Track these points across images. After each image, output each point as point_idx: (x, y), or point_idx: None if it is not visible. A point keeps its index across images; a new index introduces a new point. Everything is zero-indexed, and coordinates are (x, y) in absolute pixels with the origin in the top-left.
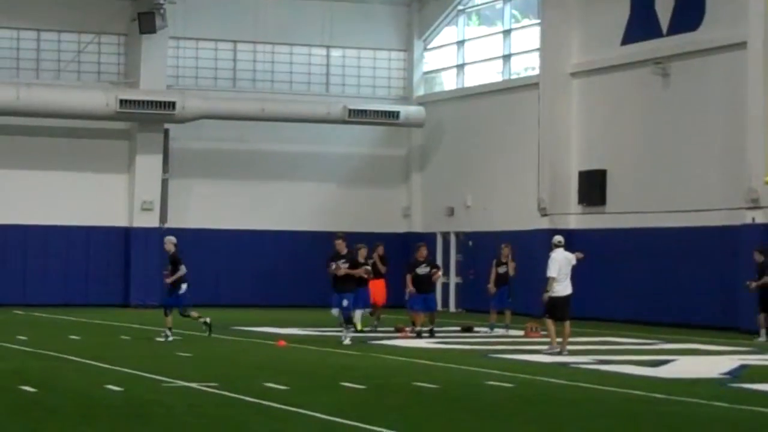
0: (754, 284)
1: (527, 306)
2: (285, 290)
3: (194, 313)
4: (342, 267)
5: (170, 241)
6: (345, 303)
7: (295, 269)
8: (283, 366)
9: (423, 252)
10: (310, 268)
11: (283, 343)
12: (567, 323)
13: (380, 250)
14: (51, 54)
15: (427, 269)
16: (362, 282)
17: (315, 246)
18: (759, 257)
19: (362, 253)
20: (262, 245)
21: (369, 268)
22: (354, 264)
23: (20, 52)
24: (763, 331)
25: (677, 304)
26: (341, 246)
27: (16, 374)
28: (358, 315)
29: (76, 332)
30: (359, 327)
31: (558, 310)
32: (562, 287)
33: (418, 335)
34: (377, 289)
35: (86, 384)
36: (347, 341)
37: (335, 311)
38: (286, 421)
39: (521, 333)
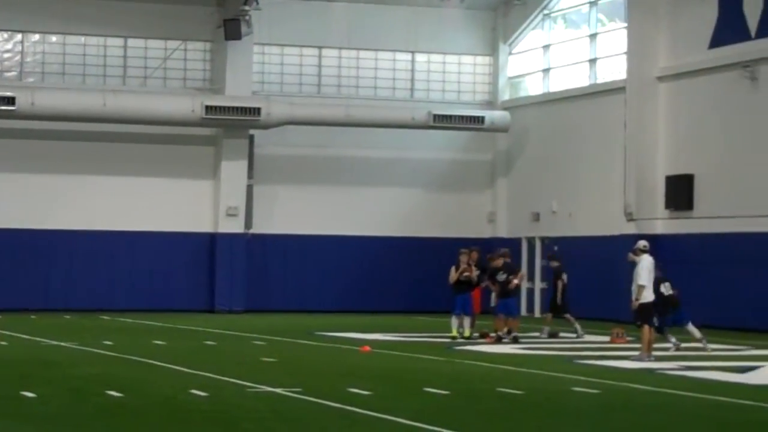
0: None
1: (614, 312)
2: (370, 296)
3: None
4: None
5: None
6: None
7: (380, 275)
8: (367, 371)
9: (499, 260)
10: (394, 274)
11: (367, 348)
12: (651, 330)
13: (474, 255)
14: (137, 61)
15: (505, 276)
16: (465, 288)
17: (400, 251)
18: None
19: (464, 259)
20: (347, 251)
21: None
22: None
23: (107, 59)
24: None
25: (767, 309)
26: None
27: (103, 379)
28: (455, 321)
29: (161, 337)
30: (467, 333)
31: (650, 316)
32: (649, 293)
33: (498, 340)
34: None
35: (172, 389)
36: None
37: None
38: (369, 426)
39: (607, 339)
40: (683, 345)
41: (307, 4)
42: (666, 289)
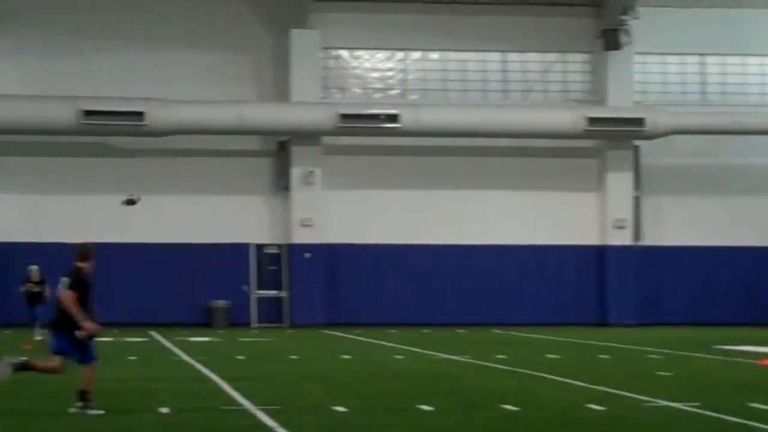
0: None
1: None
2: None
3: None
4: None
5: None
6: None
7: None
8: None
9: None
10: None
11: (766, 362)
12: None
13: None
14: (517, 75)
15: None
16: None
17: None
18: None
19: None
20: (738, 261)
21: None
22: None
23: (487, 74)
24: None
25: None
26: None
27: (497, 393)
28: None
29: (553, 351)
30: None
31: None
32: None
33: None
34: None
35: (567, 403)
36: None
37: None
38: None
39: None
40: None
41: (686, 11)
42: None
